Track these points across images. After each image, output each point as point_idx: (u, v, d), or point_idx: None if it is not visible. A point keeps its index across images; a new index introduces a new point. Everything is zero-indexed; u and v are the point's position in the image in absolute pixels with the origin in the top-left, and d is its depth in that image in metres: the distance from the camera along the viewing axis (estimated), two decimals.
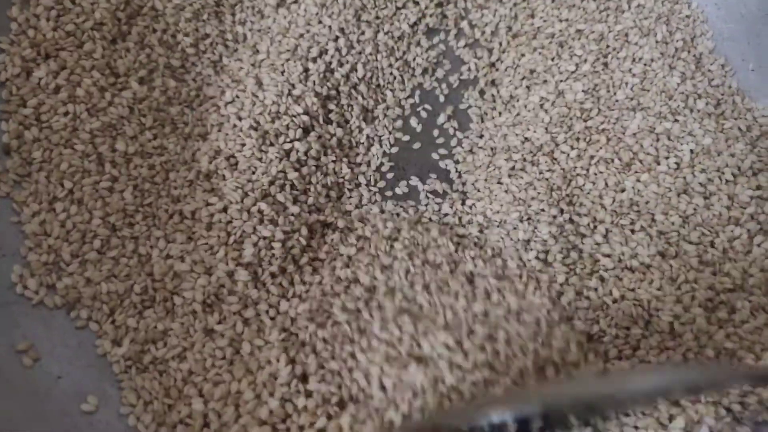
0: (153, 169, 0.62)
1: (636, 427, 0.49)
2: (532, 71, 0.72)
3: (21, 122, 0.59)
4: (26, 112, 0.59)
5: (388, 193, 0.67)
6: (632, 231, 0.62)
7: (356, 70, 0.69)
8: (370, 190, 0.66)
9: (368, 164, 0.68)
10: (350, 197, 0.65)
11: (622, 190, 0.64)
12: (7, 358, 0.50)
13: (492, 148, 0.68)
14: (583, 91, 0.69)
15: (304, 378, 0.52)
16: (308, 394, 0.51)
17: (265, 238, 0.58)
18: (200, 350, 0.53)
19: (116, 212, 0.58)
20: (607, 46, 0.71)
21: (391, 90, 0.71)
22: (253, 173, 0.62)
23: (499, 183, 0.65)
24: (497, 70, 0.74)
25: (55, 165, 0.58)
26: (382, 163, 0.68)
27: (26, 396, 0.49)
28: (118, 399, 0.52)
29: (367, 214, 0.64)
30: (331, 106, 0.67)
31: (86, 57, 0.63)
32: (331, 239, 0.62)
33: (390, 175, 0.68)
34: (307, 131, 0.65)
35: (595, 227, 0.62)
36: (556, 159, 0.66)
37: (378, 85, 0.71)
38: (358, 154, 0.68)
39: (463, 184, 0.67)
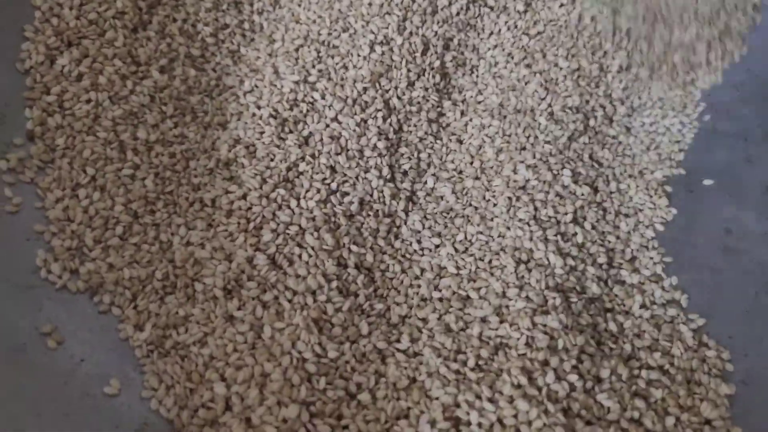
0: (174, 157, 0.62)
1: None
2: None
3: (45, 109, 0.59)
4: (50, 100, 0.59)
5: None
6: None
7: None
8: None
9: None
10: None
11: None
12: (32, 340, 0.51)
13: None
14: None
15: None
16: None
17: (283, 223, 0.59)
18: (221, 335, 0.54)
19: (138, 199, 0.59)
20: None
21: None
22: (272, 160, 0.62)
23: None
24: None
25: (78, 152, 0.59)
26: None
27: (50, 378, 0.50)
28: (140, 383, 0.53)
29: None
30: None
31: (108, 45, 0.63)
32: None
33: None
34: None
35: None
36: None
37: None
38: None
39: None
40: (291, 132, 0.64)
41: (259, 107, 0.66)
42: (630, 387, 0.53)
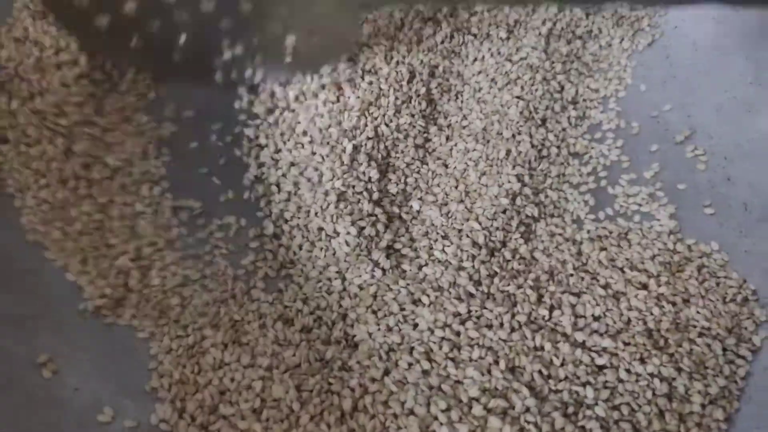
0: None
1: None
2: None
3: None
4: None
5: None
6: None
7: None
8: None
9: None
10: None
11: None
12: (27, 370, 0.52)
13: None
14: None
15: None
16: None
17: None
18: None
19: None
20: None
21: None
22: None
23: None
24: None
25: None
26: None
27: (45, 407, 0.51)
28: (133, 409, 0.54)
29: None
30: None
31: None
32: None
33: None
34: None
35: None
36: None
37: None
38: None
39: None
40: None
41: None
42: (614, 411, 0.53)
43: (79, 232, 0.59)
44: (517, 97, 0.74)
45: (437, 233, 0.65)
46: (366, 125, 0.69)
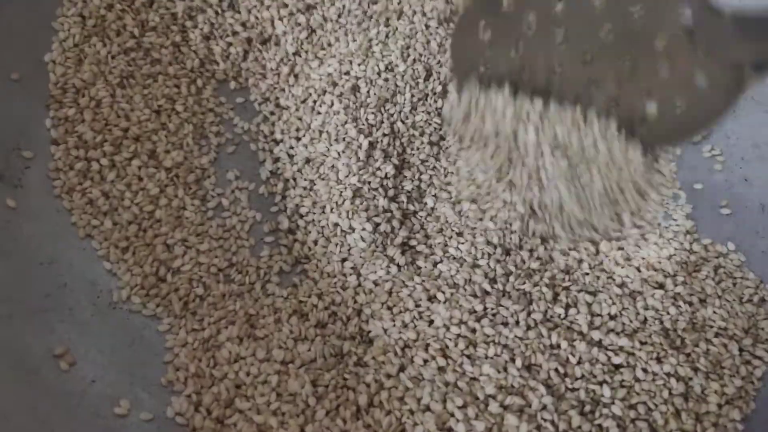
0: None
1: None
2: None
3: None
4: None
5: None
6: None
7: None
8: None
9: None
10: None
11: None
12: (44, 362, 0.52)
13: None
14: None
15: None
16: None
17: None
18: None
19: None
20: None
21: None
22: None
23: None
24: None
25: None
26: None
27: (62, 398, 0.51)
28: (149, 402, 0.54)
29: None
30: None
31: None
32: None
33: None
34: None
35: None
36: None
37: None
38: None
39: None
40: None
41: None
42: (630, 410, 0.53)
43: (128, 222, 0.61)
44: None
45: (452, 230, 0.65)
46: (382, 122, 0.69)
